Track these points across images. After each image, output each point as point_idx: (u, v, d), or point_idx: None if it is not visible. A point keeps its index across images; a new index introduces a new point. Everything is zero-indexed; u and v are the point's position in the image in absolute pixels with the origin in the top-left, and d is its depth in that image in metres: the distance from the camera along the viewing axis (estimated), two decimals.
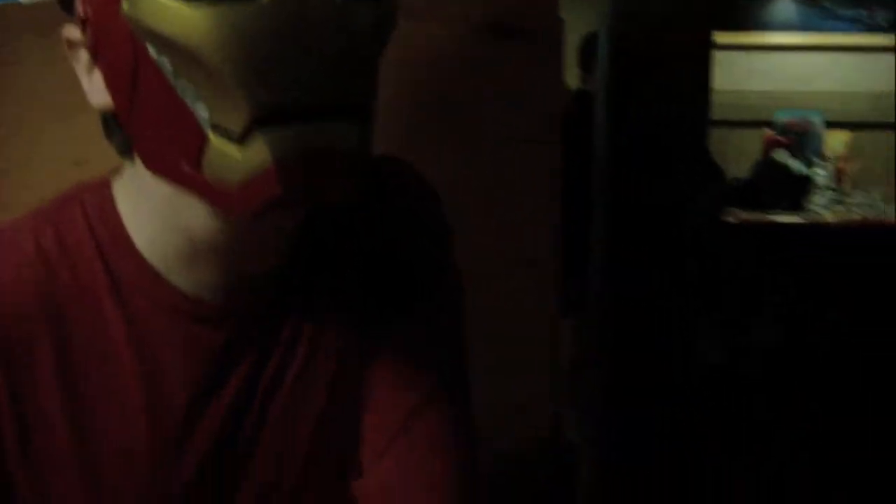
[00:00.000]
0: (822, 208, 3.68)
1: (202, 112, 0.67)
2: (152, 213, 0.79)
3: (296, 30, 0.64)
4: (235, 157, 0.66)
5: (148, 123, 0.72)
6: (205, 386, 0.82)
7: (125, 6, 0.68)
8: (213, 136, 0.67)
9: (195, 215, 0.75)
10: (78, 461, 0.81)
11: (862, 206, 3.74)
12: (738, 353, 3.62)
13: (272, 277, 0.83)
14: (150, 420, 0.81)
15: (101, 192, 0.82)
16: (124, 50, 0.70)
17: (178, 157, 0.70)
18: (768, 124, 3.94)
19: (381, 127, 1.34)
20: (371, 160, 0.72)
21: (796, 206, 3.63)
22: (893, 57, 3.97)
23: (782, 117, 3.93)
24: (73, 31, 0.76)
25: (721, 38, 3.85)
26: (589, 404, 1.78)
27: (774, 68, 3.96)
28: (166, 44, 0.66)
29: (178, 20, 0.65)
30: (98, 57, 0.74)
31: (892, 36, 3.97)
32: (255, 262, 0.80)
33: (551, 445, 1.42)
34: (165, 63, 0.67)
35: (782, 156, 3.76)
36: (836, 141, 3.97)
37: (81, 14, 0.74)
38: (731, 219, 3.45)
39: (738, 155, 3.82)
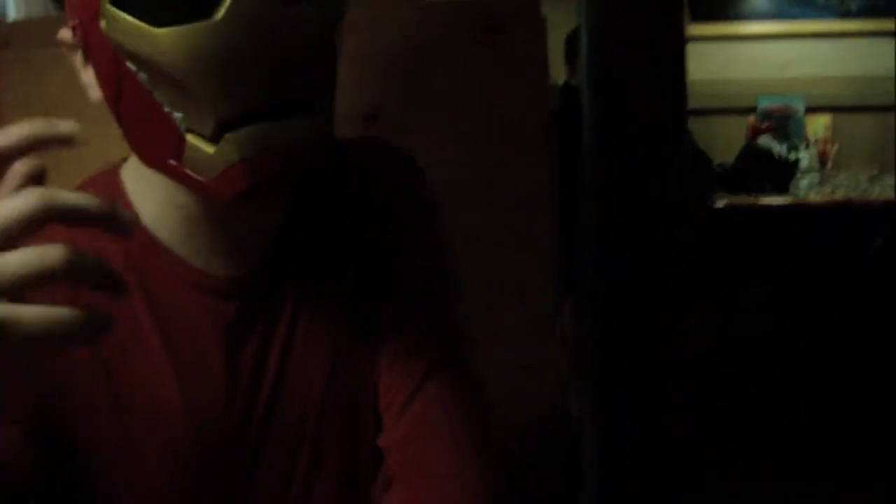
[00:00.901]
0: (806, 189, 3.75)
1: (177, 117, 0.75)
2: (154, 194, 0.86)
3: (252, 41, 0.70)
4: (209, 153, 0.74)
5: (134, 124, 0.79)
6: (227, 353, 0.88)
7: (103, 24, 0.75)
8: (189, 137, 0.75)
9: (188, 195, 0.84)
10: (117, 440, 0.86)
11: (845, 187, 3.81)
12: (728, 336, 3.68)
13: (272, 244, 0.90)
14: (181, 387, 0.87)
15: (112, 177, 0.90)
16: (107, 61, 0.77)
17: (163, 153, 0.78)
18: (752, 111, 4.02)
19: (379, 116, 1.41)
20: (333, 142, 0.81)
21: (782, 188, 3.70)
22: (865, 41, 4.06)
23: (765, 104, 4.01)
24: (66, 34, 0.83)
25: (701, 30, 3.94)
26: (586, 384, 1.84)
27: (754, 57, 4.05)
28: (140, 61, 0.73)
29: (148, 41, 0.72)
30: (88, 59, 0.81)
31: (863, 21, 4.05)
32: (249, 232, 0.88)
33: (557, 419, 1.50)
34: (142, 75, 0.74)
35: (767, 141, 3.84)
36: (817, 124, 4.05)
37: (71, 22, 0.81)
38: (720, 203, 3.53)
39: (724, 142, 3.91)
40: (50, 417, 0.85)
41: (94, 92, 0.82)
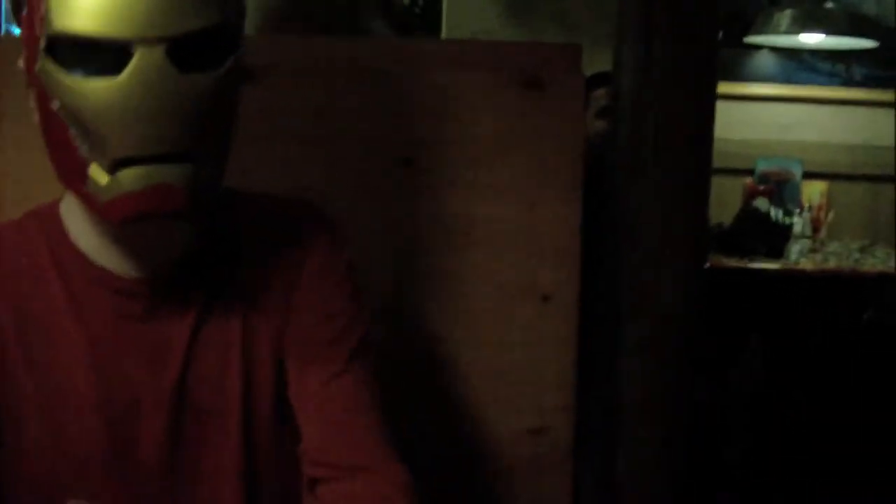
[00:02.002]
0: (799, 255, 3.72)
1: (84, 149, 0.95)
2: (78, 214, 1.08)
3: (146, 100, 0.91)
4: (103, 183, 0.95)
5: (55, 150, 1.01)
6: (134, 349, 1.08)
7: (38, 66, 0.95)
8: (91, 167, 0.96)
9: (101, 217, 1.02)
10: (40, 417, 1.06)
11: (838, 255, 3.78)
12: (720, 394, 3.66)
13: (181, 259, 1.09)
14: (95, 368, 1.07)
15: (54, 204, 1.13)
16: (40, 96, 0.98)
17: (73, 178, 0.99)
18: (749, 172, 3.99)
19: (413, 160, 1.41)
20: (216, 190, 1.03)
21: (776, 253, 3.67)
22: (866, 111, 4.06)
23: (763, 166, 4.00)
24: (22, 63, 1.02)
25: None
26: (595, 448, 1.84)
27: (755, 118, 4.03)
28: (60, 102, 0.94)
29: (66, 88, 0.93)
30: (30, 88, 1.01)
31: (868, 91, 4.05)
32: (155, 246, 1.07)
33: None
34: (62, 113, 0.95)
35: (763, 204, 3.82)
36: (812, 190, 4.04)
37: (23, 53, 1.00)
38: (711, 264, 3.49)
39: (719, 201, 3.87)
40: None
41: (35, 116, 1.02)
